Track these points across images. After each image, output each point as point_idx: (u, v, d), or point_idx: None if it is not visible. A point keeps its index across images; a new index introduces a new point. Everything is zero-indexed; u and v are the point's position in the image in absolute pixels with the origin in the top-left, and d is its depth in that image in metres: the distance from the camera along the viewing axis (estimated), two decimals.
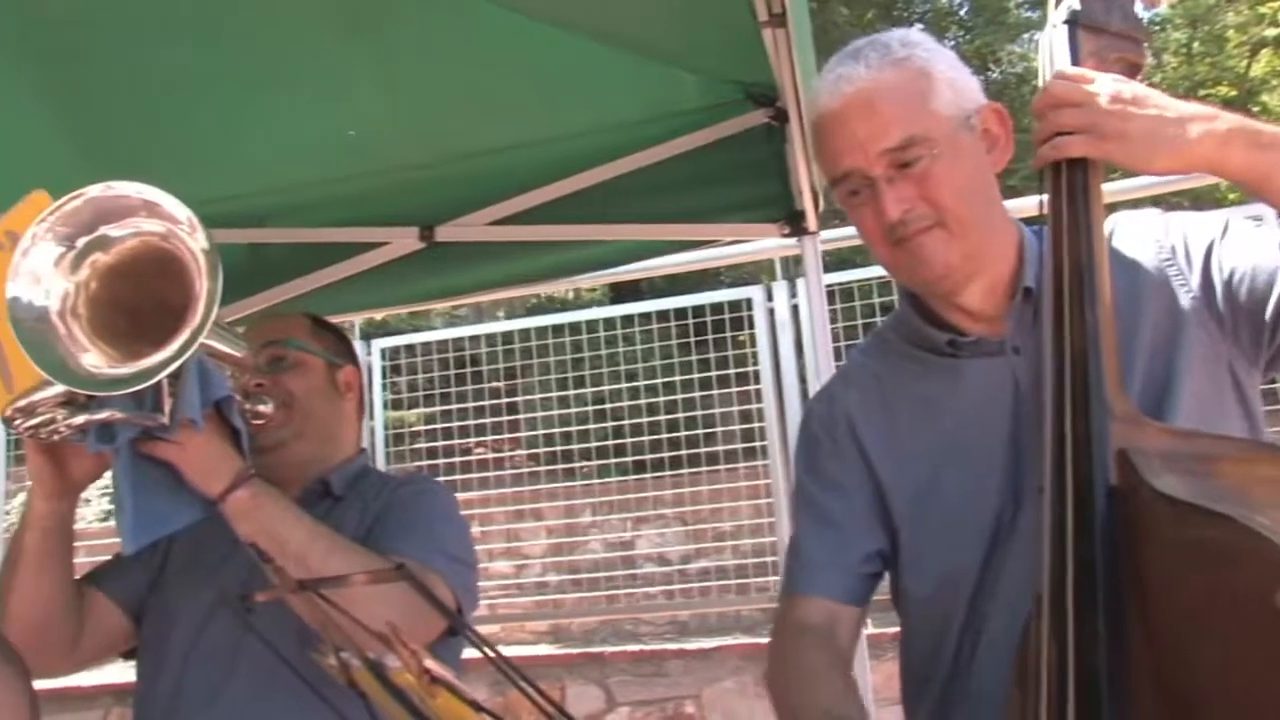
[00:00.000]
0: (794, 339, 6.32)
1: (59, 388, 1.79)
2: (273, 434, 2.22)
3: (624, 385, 7.58)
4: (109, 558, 2.30)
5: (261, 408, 2.21)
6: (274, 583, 1.86)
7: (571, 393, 7.99)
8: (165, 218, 1.75)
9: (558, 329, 7.81)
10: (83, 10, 2.81)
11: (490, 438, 8.13)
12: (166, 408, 1.81)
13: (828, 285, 3.35)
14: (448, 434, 7.83)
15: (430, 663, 1.20)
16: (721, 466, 7.38)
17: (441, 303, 4.19)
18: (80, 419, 1.77)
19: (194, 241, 1.74)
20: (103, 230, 1.76)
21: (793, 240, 3.34)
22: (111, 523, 2.39)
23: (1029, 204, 3.33)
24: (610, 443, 7.75)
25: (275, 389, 2.25)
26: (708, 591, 7.38)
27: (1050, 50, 1.61)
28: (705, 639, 6.78)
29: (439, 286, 3.62)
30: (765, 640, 5.81)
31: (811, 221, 3.19)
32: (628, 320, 7.69)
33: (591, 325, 7.67)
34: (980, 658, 1.72)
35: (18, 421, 1.81)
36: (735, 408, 7.21)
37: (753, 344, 6.79)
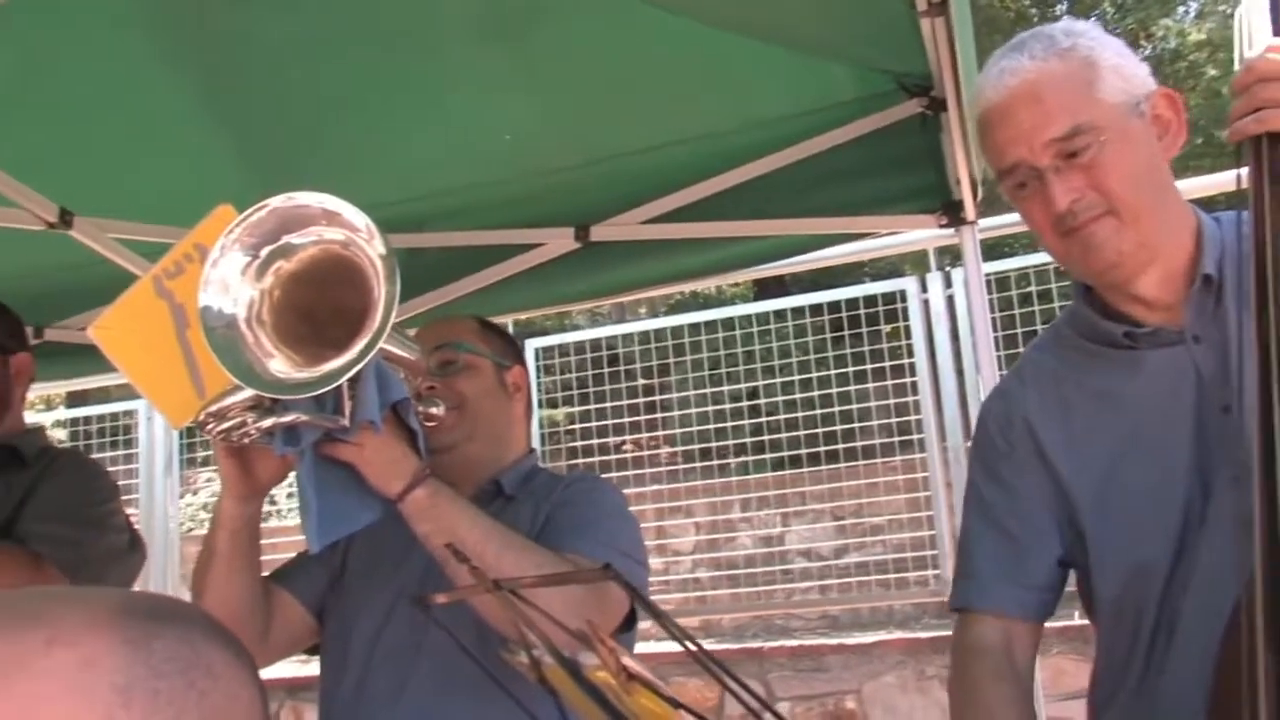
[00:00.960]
0: (949, 329, 6.24)
1: (247, 392, 1.85)
2: (445, 436, 2.26)
3: (777, 380, 7.57)
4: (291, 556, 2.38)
5: (433, 410, 2.25)
6: (457, 582, 1.91)
7: (725, 389, 7.97)
8: (344, 226, 1.80)
9: (707, 325, 7.81)
10: (242, 28, 2.90)
11: (638, 436, 8.17)
12: (347, 410, 1.86)
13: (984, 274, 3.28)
14: (597, 432, 7.89)
15: (628, 660, 1.21)
16: (878, 460, 7.32)
17: (596, 302, 4.23)
18: (268, 422, 1.82)
19: (372, 248, 1.78)
20: (285, 239, 1.81)
21: (949, 230, 3.29)
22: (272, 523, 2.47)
23: (1201, 184, 3.27)
24: (764, 438, 7.73)
25: (446, 391, 2.29)
26: (860, 586, 7.33)
27: (1248, 24, 1.56)
28: (862, 634, 6.72)
29: (594, 286, 3.66)
30: (925, 635, 5.76)
31: (970, 211, 3.14)
32: (778, 315, 7.67)
33: (744, 321, 7.68)
34: (1174, 655, 1.67)
35: (210, 425, 1.87)
36: (891, 400, 7.13)
37: (905, 335, 6.72)
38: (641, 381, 7.99)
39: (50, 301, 3.57)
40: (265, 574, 2.21)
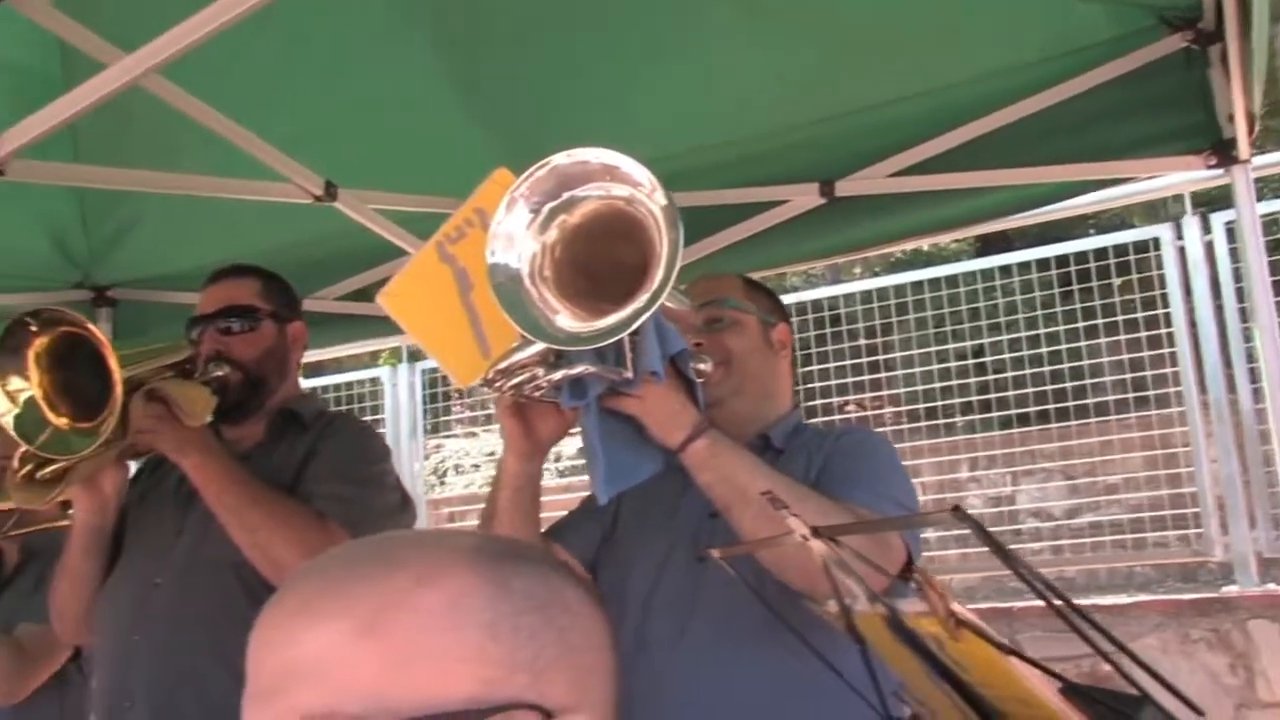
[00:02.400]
0: (1208, 277, 5.98)
1: (532, 350, 1.89)
2: (712, 391, 2.27)
3: (1003, 337, 7.39)
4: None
5: (700, 366, 2.27)
6: (740, 531, 1.92)
7: (950, 347, 7.83)
8: (625, 180, 1.82)
9: (930, 283, 7.66)
10: (481, 2, 2.97)
11: (860, 396, 8.09)
12: (629, 362, 1.89)
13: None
14: (820, 393, 7.84)
15: (957, 606, 1.20)
16: (1111, 418, 7.08)
17: (841, 257, 4.19)
18: (557, 375, 1.86)
19: (653, 201, 1.80)
20: (567, 195, 1.84)
21: (1213, 171, 3.13)
22: None
23: None
24: (990, 397, 7.57)
25: (714, 347, 2.30)
26: (1094, 547, 7.11)
27: None
28: (1115, 595, 6.51)
29: (839, 241, 3.62)
30: (1188, 597, 5.50)
31: (1244, 149, 2.98)
32: (1003, 271, 7.48)
33: (968, 278, 7.52)
34: None
35: (498, 383, 1.93)
36: (1125, 355, 6.88)
37: (1141, 288, 6.46)
38: (863, 341, 7.91)
39: (309, 271, 3.72)
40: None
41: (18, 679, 3.12)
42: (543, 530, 2.28)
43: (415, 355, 7.87)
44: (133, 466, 2.79)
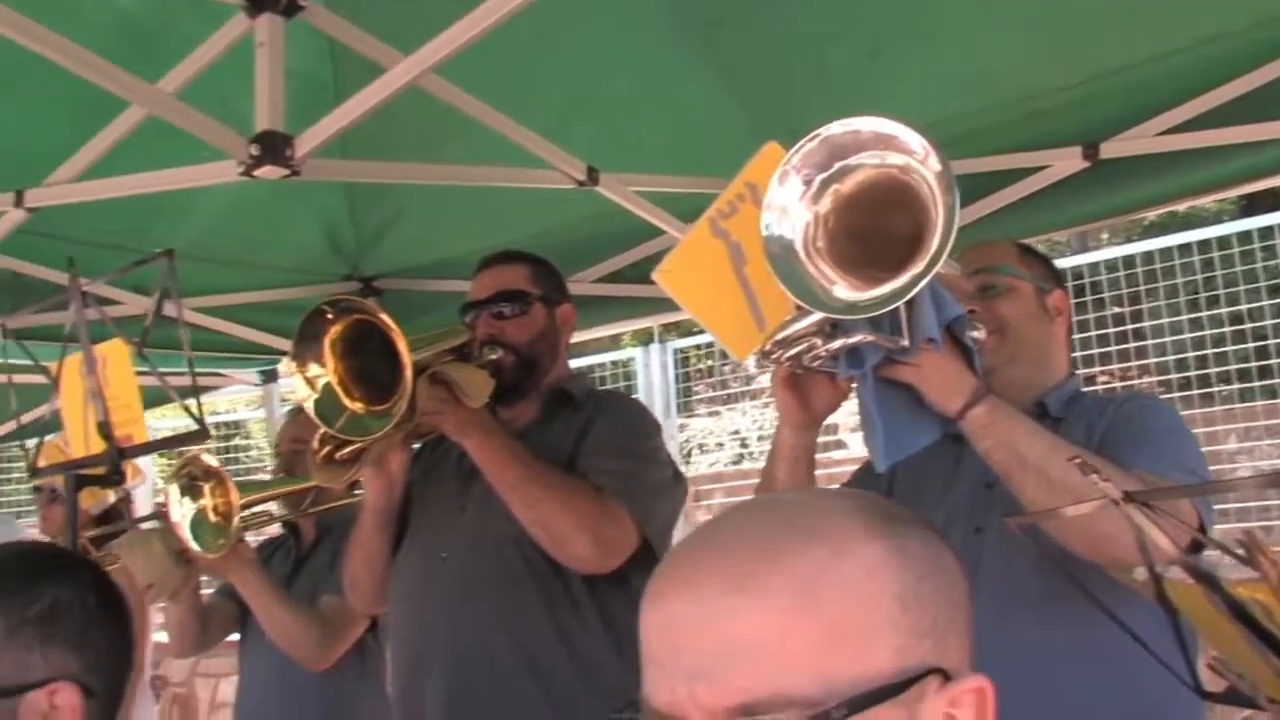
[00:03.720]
0: None
1: (808, 320, 1.91)
2: (986, 359, 2.23)
3: (1263, 303, 7.02)
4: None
5: (975, 334, 2.24)
6: (1022, 499, 1.89)
7: (1205, 314, 7.47)
8: (898, 148, 1.81)
9: (1188, 248, 7.32)
10: None
11: (1111, 366, 7.81)
12: (905, 330, 1.88)
13: None
14: (1081, 362, 7.58)
15: None
16: None
17: (1105, 222, 4.05)
18: (836, 344, 1.87)
19: (927, 166, 1.79)
20: (839, 165, 1.85)
21: None
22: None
23: None
24: (1252, 365, 7.19)
25: (987, 315, 2.27)
26: None
27: None
28: None
29: (1103, 206, 3.51)
30: None
31: None
32: (1262, 234, 7.10)
33: (1222, 241, 7.16)
34: None
35: (776, 354, 1.95)
36: None
37: None
38: (1112, 310, 7.63)
39: (566, 256, 3.82)
40: None
41: (324, 647, 3.36)
42: None
43: (666, 335, 7.99)
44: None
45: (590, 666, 2.58)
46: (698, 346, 8.61)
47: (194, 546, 3.23)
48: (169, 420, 6.03)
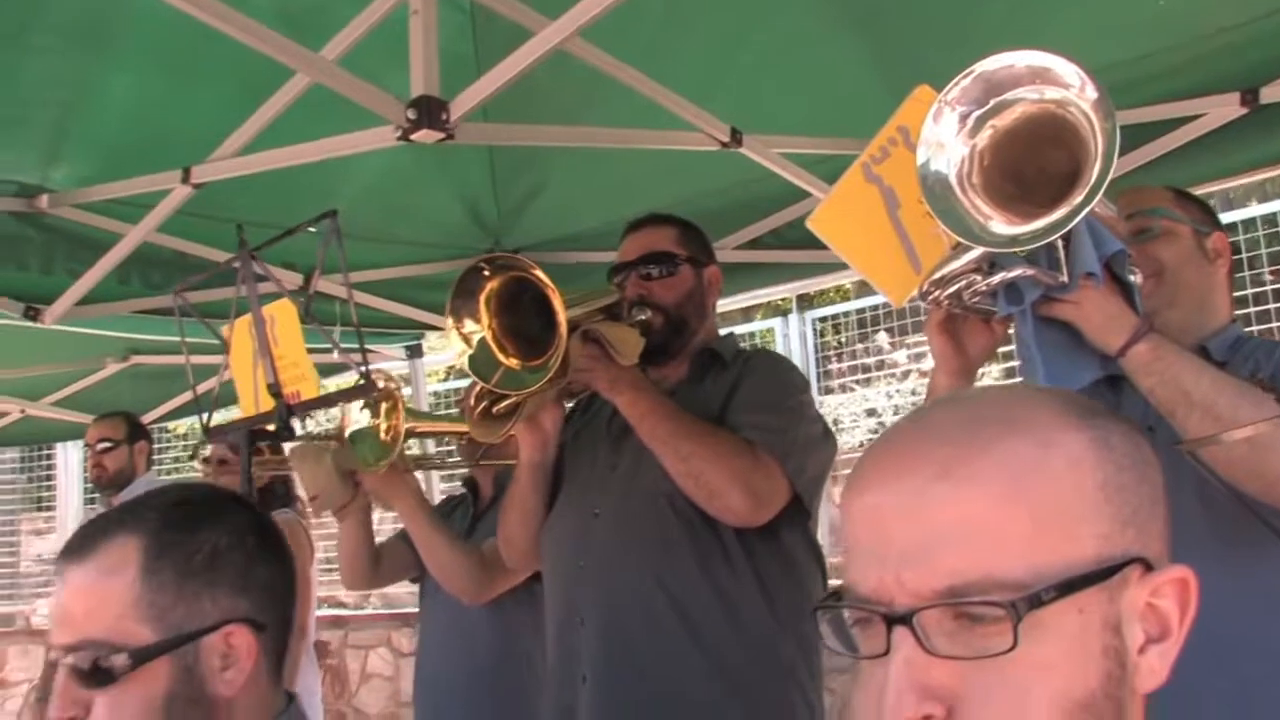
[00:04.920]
0: None
1: (966, 259, 1.90)
2: (1145, 304, 2.20)
3: None
4: None
5: (1131, 279, 2.21)
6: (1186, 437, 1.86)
7: None
8: (1054, 81, 1.79)
9: None
10: None
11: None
12: (1064, 266, 1.86)
13: None
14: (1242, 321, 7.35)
15: None
16: None
17: (1264, 173, 3.92)
18: (995, 278, 1.86)
19: (1084, 98, 1.76)
20: (994, 101, 1.83)
21: None
22: None
23: None
24: None
25: (1144, 259, 2.22)
26: None
27: None
28: None
29: (1264, 154, 3.40)
30: None
31: None
32: None
33: None
34: None
35: (934, 294, 1.94)
36: None
37: None
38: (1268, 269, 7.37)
39: (706, 223, 3.84)
40: None
41: (479, 583, 3.49)
42: None
43: (805, 304, 7.95)
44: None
45: (742, 620, 2.60)
46: (835, 317, 8.53)
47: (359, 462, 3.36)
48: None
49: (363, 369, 2.47)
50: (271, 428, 2.56)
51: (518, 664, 3.61)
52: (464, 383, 6.73)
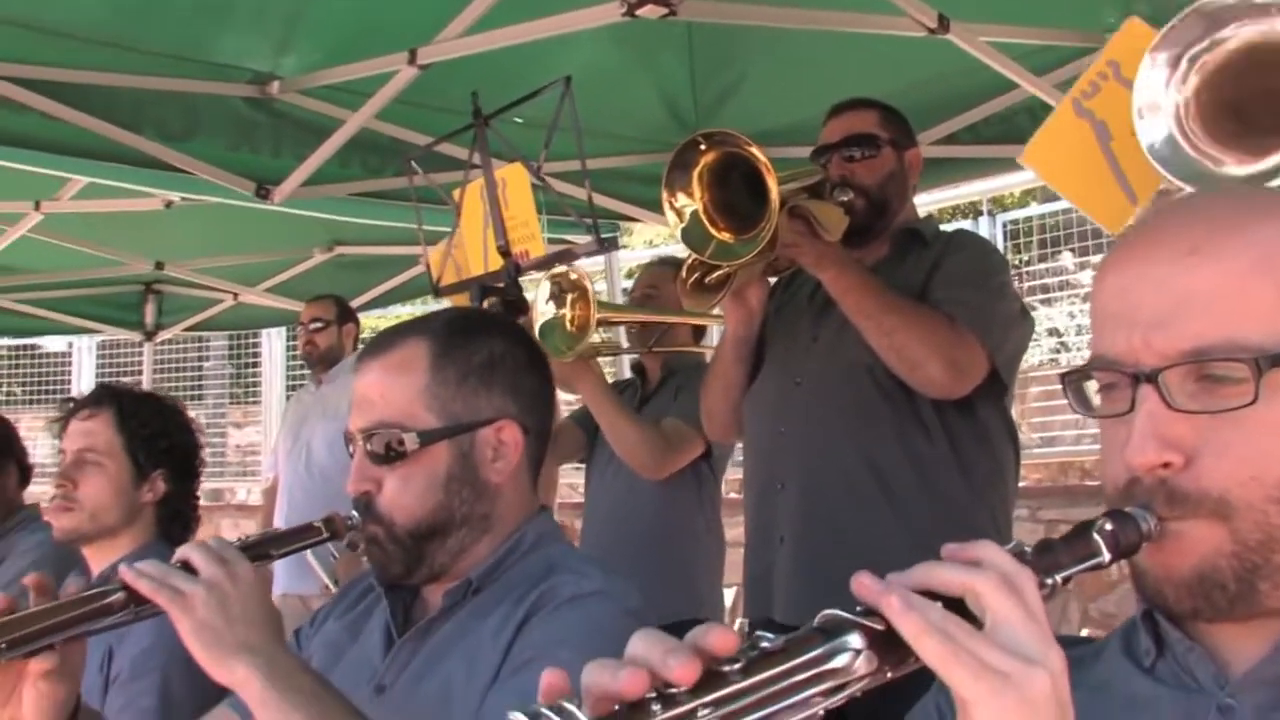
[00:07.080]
0: None
1: None
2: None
3: None
4: None
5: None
6: None
7: None
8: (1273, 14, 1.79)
9: None
10: None
11: None
12: None
13: None
14: None
15: None
16: None
17: None
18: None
19: None
20: (1209, 39, 1.85)
21: None
22: None
23: None
24: None
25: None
26: None
27: None
28: None
29: None
30: None
31: None
32: None
33: None
34: None
35: None
36: None
37: None
38: None
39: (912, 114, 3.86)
40: None
41: (659, 458, 3.66)
42: None
43: (995, 208, 7.79)
44: None
45: (939, 490, 2.69)
46: (1021, 232, 8.41)
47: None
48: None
49: (592, 224, 2.60)
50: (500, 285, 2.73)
51: (683, 538, 3.80)
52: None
